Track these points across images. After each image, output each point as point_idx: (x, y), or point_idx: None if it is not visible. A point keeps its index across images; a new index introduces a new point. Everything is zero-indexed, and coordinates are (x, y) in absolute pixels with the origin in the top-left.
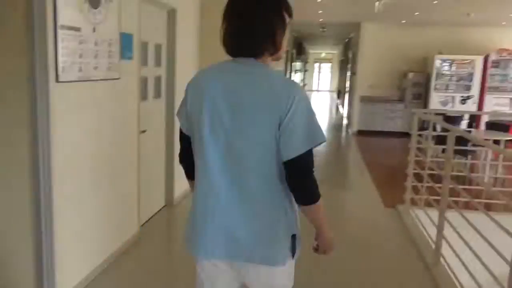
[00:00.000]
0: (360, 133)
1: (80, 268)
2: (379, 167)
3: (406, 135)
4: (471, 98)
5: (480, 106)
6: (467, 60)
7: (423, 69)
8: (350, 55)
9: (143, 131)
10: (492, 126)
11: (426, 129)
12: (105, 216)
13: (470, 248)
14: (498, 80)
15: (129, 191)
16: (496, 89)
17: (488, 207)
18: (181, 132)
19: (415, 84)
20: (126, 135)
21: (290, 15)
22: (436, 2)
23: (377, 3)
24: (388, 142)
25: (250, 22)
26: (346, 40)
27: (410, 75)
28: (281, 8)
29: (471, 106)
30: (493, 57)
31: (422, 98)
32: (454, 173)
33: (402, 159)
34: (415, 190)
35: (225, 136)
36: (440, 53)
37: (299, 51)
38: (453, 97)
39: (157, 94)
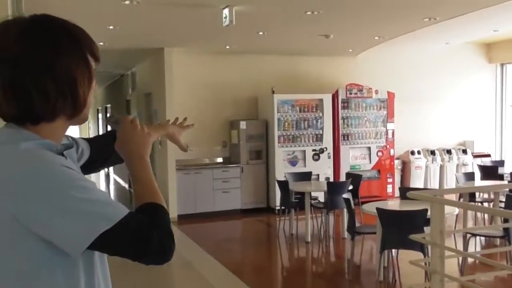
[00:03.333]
0: (183, 219)
1: None
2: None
3: (250, 212)
4: (325, 151)
5: (336, 161)
6: (312, 100)
7: (257, 115)
8: (130, 99)
9: None
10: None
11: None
12: None
13: None
14: (351, 125)
15: None
16: (351, 138)
17: None
18: None
19: (251, 138)
20: None
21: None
22: (309, 13)
23: (225, 11)
24: (235, 228)
25: None
26: (116, 78)
27: (242, 124)
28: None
29: (327, 162)
30: (341, 95)
31: (263, 156)
32: None
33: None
34: None
35: None
36: (273, 91)
37: None
38: (304, 152)
39: None
